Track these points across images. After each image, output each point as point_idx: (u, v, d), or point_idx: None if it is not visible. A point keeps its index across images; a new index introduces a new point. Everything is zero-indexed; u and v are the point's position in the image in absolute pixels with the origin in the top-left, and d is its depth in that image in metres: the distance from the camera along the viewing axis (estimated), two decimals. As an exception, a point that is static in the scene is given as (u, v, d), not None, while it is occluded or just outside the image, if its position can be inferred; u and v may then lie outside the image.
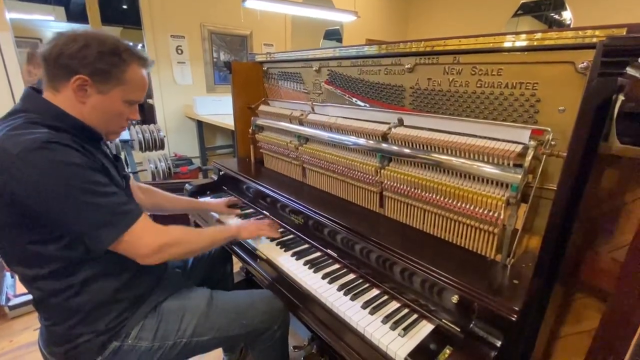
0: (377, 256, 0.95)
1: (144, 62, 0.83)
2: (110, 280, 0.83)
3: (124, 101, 0.82)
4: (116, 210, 0.75)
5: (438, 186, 0.91)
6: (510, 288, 0.73)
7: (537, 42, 0.77)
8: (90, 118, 0.80)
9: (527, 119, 0.83)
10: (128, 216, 0.77)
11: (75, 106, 0.78)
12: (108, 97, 0.80)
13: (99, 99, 0.79)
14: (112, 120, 0.84)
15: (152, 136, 2.73)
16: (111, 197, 0.75)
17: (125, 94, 0.82)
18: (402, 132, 1.00)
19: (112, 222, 0.74)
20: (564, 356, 1.06)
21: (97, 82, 0.77)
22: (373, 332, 0.76)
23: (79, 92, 0.77)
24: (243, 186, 1.54)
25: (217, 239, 0.98)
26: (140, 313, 0.87)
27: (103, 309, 0.82)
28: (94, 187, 0.72)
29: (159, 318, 0.89)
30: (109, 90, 0.79)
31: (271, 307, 1.01)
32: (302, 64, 1.44)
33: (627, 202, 0.87)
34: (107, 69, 0.77)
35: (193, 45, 3.47)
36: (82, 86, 0.76)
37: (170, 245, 0.82)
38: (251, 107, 1.68)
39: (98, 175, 0.75)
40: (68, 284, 0.77)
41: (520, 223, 0.83)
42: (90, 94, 0.78)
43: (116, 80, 0.79)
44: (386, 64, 1.11)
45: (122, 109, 0.83)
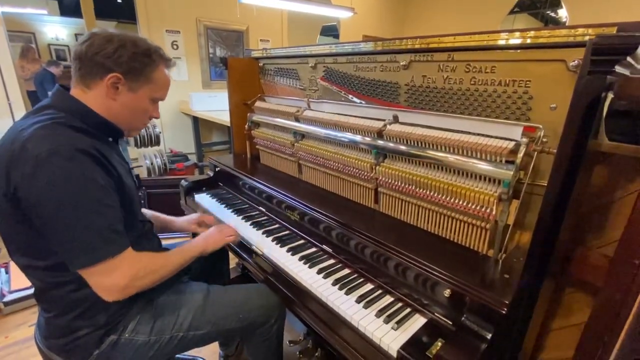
0: (371, 251, 0.96)
1: (169, 63, 0.90)
2: None
3: (150, 99, 0.88)
4: (104, 234, 0.73)
5: (432, 182, 0.92)
6: (501, 282, 0.74)
7: (530, 40, 0.78)
8: (118, 115, 0.84)
9: (519, 116, 0.85)
10: (112, 245, 0.74)
11: (104, 103, 0.82)
12: (137, 94, 0.84)
13: (129, 96, 0.83)
14: (138, 116, 0.89)
15: (148, 132, 2.71)
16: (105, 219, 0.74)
17: (152, 92, 0.87)
18: (397, 129, 1.01)
19: (93, 247, 0.72)
20: (556, 349, 1.09)
21: (129, 80, 0.82)
22: (367, 325, 0.78)
23: (112, 90, 0.81)
24: (239, 182, 1.54)
25: (184, 261, 0.92)
26: (137, 307, 0.88)
27: (103, 304, 0.82)
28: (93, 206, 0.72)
29: (156, 312, 0.89)
30: (139, 88, 0.84)
31: (267, 302, 1.02)
32: (298, 60, 1.44)
33: (617, 199, 0.89)
34: (139, 68, 0.82)
35: (189, 41, 3.45)
36: (115, 84, 0.80)
37: (137, 278, 0.78)
38: (247, 104, 1.68)
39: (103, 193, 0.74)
40: (70, 277, 0.78)
41: (512, 219, 0.84)
42: (122, 91, 0.82)
43: (145, 79, 0.84)
44: (382, 60, 1.12)
45: (148, 106, 0.88)
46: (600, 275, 0.94)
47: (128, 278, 0.76)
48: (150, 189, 2.47)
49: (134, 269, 0.77)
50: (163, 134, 3.31)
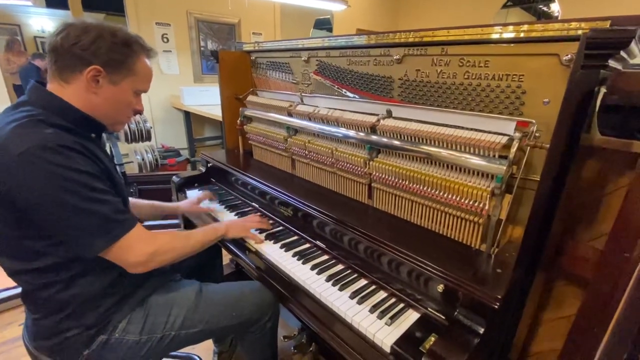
0: (365, 247, 0.96)
1: (150, 53, 0.87)
2: (100, 275, 0.82)
3: (133, 91, 0.85)
4: (111, 218, 0.75)
5: (425, 177, 0.92)
6: (493, 277, 0.75)
7: (523, 34, 0.77)
8: (100, 109, 0.81)
9: (512, 111, 0.84)
10: (122, 225, 0.77)
11: (84, 98, 0.78)
12: (119, 87, 0.81)
13: (111, 89, 0.80)
14: (121, 110, 0.86)
15: (138, 127, 2.66)
16: (108, 204, 0.75)
17: (135, 84, 0.84)
18: (391, 123, 1.00)
19: (105, 230, 0.74)
20: (546, 340, 1.10)
21: (109, 72, 0.78)
22: (360, 321, 0.78)
23: (92, 83, 0.77)
24: (232, 178, 1.53)
25: (206, 241, 0.98)
26: (128, 307, 0.87)
27: (92, 304, 0.82)
28: (91, 194, 0.72)
29: (146, 311, 0.88)
30: (121, 80, 0.81)
31: (261, 299, 1.01)
32: (290, 53, 1.42)
33: (607, 193, 0.90)
34: (120, 59, 0.79)
35: (179, 34, 3.38)
36: (95, 77, 0.77)
37: (158, 254, 0.82)
38: (239, 98, 1.65)
39: (98, 181, 0.75)
40: (57, 278, 0.77)
41: (505, 213, 0.84)
42: (103, 84, 0.79)
43: (127, 70, 0.81)
44: (375, 54, 1.10)
45: (131, 99, 0.85)
46: (590, 268, 0.95)
47: (149, 253, 0.80)
48: (142, 185, 2.43)
49: (153, 245, 0.81)
50: (154, 129, 3.26)
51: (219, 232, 1.02)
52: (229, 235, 1.05)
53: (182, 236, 0.92)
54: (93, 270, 0.80)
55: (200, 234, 0.97)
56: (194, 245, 0.93)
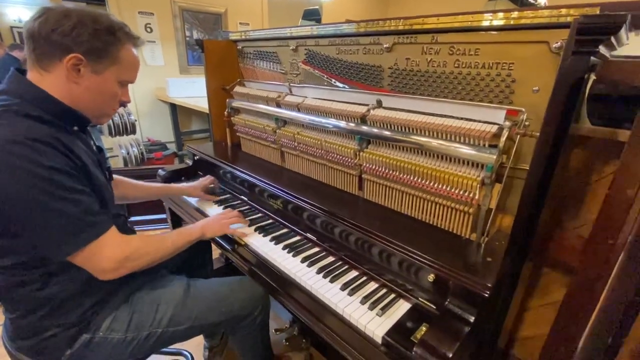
0: (355, 238, 0.95)
1: (136, 41, 0.82)
2: (79, 273, 0.78)
3: (118, 82, 0.80)
4: (81, 220, 0.71)
5: (416, 168, 0.91)
6: (484, 265, 0.75)
7: (513, 21, 0.76)
8: (83, 100, 0.77)
9: (502, 100, 0.84)
10: (92, 228, 0.73)
11: (65, 88, 0.74)
12: (102, 77, 0.77)
13: (93, 79, 0.76)
14: (105, 101, 0.81)
15: (122, 120, 2.59)
16: (79, 205, 0.71)
17: (120, 74, 0.79)
18: (381, 113, 0.99)
19: (74, 233, 0.70)
20: (532, 326, 1.12)
21: (91, 61, 0.74)
22: (352, 312, 0.77)
23: (73, 72, 0.73)
24: (220, 171, 1.49)
25: (180, 245, 0.93)
26: (112, 304, 0.84)
27: (73, 301, 0.79)
28: (61, 193, 0.68)
29: (132, 309, 0.86)
30: (104, 70, 0.76)
31: (251, 293, 1.00)
32: (278, 42, 1.39)
33: (593, 181, 0.91)
34: (102, 47, 0.74)
35: (163, 23, 3.28)
36: (76, 65, 0.72)
37: (130, 260, 0.78)
38: (226, 89, 1.61)
39: (71, 179, 0.70)
40: (35, 275, 0.74)
41: (495, 202, 0.84)
42: (84, 74, 0.74)
43: (111, 59, 0.76)
44: (365, 43, 1.08)
45: (116, 89, 0.81)
46: (576, 255, 0.97)
47: (120, 259, 0.76)
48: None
49: (125, 250, 0.77)
50: (139, 122, 3.17)
51: (194, 235, 0.97)
52: (207, 235, 1.01)
53: (156, 240, 0.88)
54: (70, 268, 0.76)
55: (174, 238, 0.92)
56: (167, 249, 0.88)
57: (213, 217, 1.09)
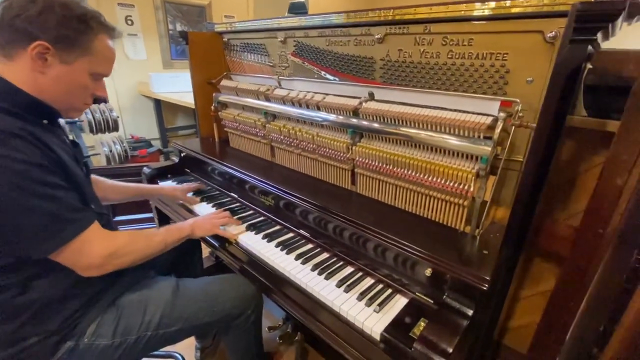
0: (350, 234, 0.93)
1: (112, 33, 0.77)
2: (62, 275, 0.74)
3: (90, 74, 0.75)
4: (62, 217, 0.67)
5: (410, 161, 0.90)
6: (480, 258, 0.74)
7: (507, 11, 0.75)
8: (50, 92, 0.72)
9: (496, 91, 0.83)
10: (74, 225, 0.69)
11: (31, 78, 0.69)
12: (72, 67, 0.71)
13: (61, 69, 0.70)
14: (75, 94, 0.76)
15: (104, 116, 2.48)
16: (58, 201, 0.67)
17: (92, 66, 0.74)
18: (374, 106, 0.97)
19: (55, 230, 0.67)
20: (523, 316, 1.14)
21: (60, 50, 0.69)
22: (348, 310, 0.76)
23: (38, 61, 0.68)
24: (207, 168, 1.45)
25: (169, 242, 0.90)
26: (97, 309, 0.80)
27: (54, 307, 0.75)
28: (38, 189, 0.64)
29: (119, 312, 0.82)
30: (74, 60, 0.71)
31: (243, 292, 0.97)
32: (266, 34, 1.34)
33: (582, 172, 0.91)
34: (72, 36, 0.69)
35: (145, 16, 3.15)
36: (42, 54, 0.67)
37: (116, 256, 0.76)
38: (212, 82, 1.56)
39: (48, 174, 0.66)
40: (13, 280, 0.69)
41: (489, 195, 0.84)
42: (52, 63, 0.69)
43: (82, 49, 0.71)
44: (355, 34, 1.05)
45: (88, 82, 0.76)
46: (567, 245, 0.98)
47: (105, 256, 0.73)
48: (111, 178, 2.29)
49: (110, 246, 0.74)
50: (122, 119, 3.06)
51: (184, 233, 0.94)
52: (196, 234, 0.98)
53: (144, 236, 0.85)
54: (51, 271, 0.72)
55: (163, 235, 0.89)
56: (156, 246, 0.85)
57: (204, 216, 1.06)
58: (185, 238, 0.95)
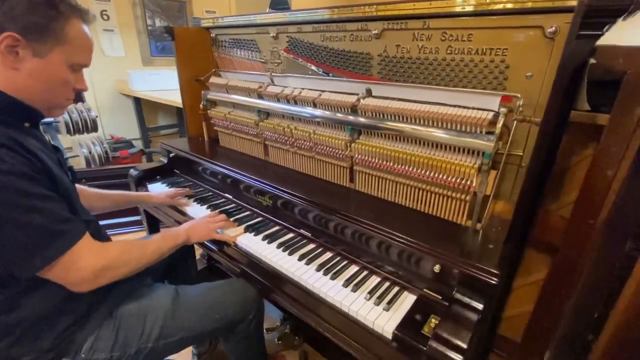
0: (352, 231, 0.92)
1: (86, 16, 0.69)
2: (52, 290, 0.69)
3: (68, 65, 0.68)
4: (50, 230, 0.62)
5: (411, 157, 0.90)
6: (487, 253, 0.75)
7: (508, 6, 0.75)
8: (28, 90, 0.65)
9: (496, 86, 0.84)
10: (64, 238, 0.64)
11: (4, 76, 0.62)
12: (47, 60, 0.65)
13: (36, 63, 0.64)
14: (55, 90, 0.69)
15: (82, 116, 2.36)
16: (46, 213, 0.61)
17: (69, 56, 0.67)
18: (373, 103, 0.96)
19: (44, 245, 0.61)
20: (517, 305, 1.17)
21: (31, 41, 0.62)
22: (358, 309, 0.75)
23: (9, 56, 0.61)
24: (198, 168, 1.40)
25: (165, 250, 0.86)
26: (93, 322, 0.76)
27: (46, 324, 0.70)
28: (24, 201, 0.58)
29: (117, 324, 0.78)
30: (48, 51, 0.64)
31: (244, 297, 0.94)
32: (257, 29, 1.31)
33: (573, 164, 0.94)
34: (42, 23, 0.62)
35: (121, 11, 3.02)
36: (12, 47, 0.60)
37: (110, 269, 0.71)
38: (200, 80, 1.51)
39: (33, 183, 0.61)
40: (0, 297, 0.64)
41: (490, 189, 0.85)
42: (24, 57, 0.62)
43: (55, 38, 0.64)
44: (352, 29, 1.04)
45: (67, 75, 0.69)
46: (558, 235, 1.01)
47: (97, 269, 0.67)
48: (91, 180, 2.18)
49: (101, 259, 0.68)
50: (100, 119, 2.92)
51: (179, 239, 0.90)
52: (192, 240, 0.94)
53: (137, 246, 0.80)
54: (41, 286, 0.67)
55: (157, 243, 0.85)
56: (150, 256, 0.81)
57: (199, 220, 1.01)
58: (181, 245, 0.90)
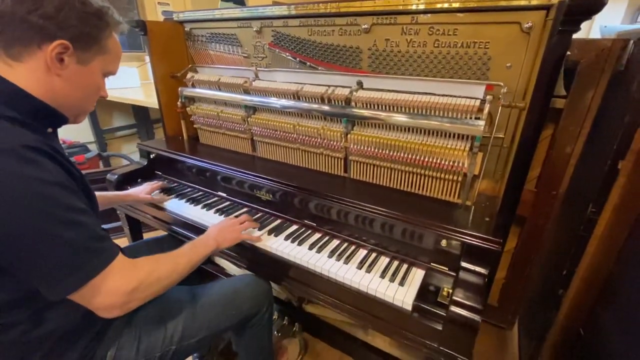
0: (355, 216, 0.96)
1: (120, 27, 0.70)
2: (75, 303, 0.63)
3: (103, 73, 0.70)
4: (87, 248, 0.57)
5: (405, 144, 0.96)
6: (485, 224, 0.84)
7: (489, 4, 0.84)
8: (64, 96, 0.63)
9: (480, 76, 0.93)
10: (99, 257, 0.60)
11: (42, 81, 0.60)
12: (89, 68, 0.64)
13: (78, 70, 0.63)
14: (90, 96, 0.69)
15: (27, 120, 2.12)
16: (84, 228, 0.57)
17: (105, 65, 0.68)
18: (366, 94, 1.01)
19: (78, 264, 0.57)
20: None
21: (78, 49, 0.62)
22: (376, 287, 0.80)
23: (56, 63, 0.59)
24: (183, 167, 1.36)
25: (195, 262, 0.80)
26: (113, 331, 0.72)
27: (71, 338, 0.66)
28: (65, 215, 0.55)
29: (138, 331, 0.75)
30: (90, 59, 0.64)
31: (257, 291, 0.95)
32: (237, 23, 1.28)
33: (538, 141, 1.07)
34: (92, 34, 0.63)
35: (61, 1, 2.73)
36: (60, 54, 0.60)
37: (140, 290, 0.65)
38: (176, 76, 1.45)
39: (73, 196, 0.57)
40: (24, 314, 0.59)
41: (479, 169, 0.95)
42: (68, 64, 0.61)
43: (98, 48, 0.64)
44: (341, 24, 1.07)
45: (101, 82, 0.70)
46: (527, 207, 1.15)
47: (128, 292, 0.62)
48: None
49: (134, 279, 0.64)
50: (46, 122, 2.64)
51: (209, 248, 0.85)
52: (223, 246, 0.90)
53: (168, 260, 0.75)
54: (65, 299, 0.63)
55: (188, 255, 0.80)
56: (182, 270, 0.76)
57: (223, 224, 0.95)
58: (211, 253, 0.87)
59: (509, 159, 0.98)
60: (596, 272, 0.91)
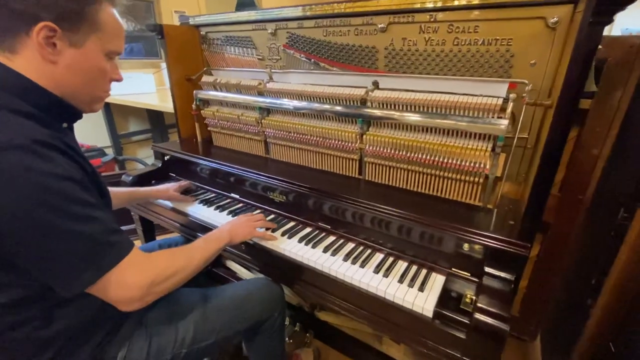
0: (372, 218, 0.93)
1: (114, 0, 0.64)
2: (87, 301, 0.64)
3: (105, 53, 0.64)
4: (101, 241, 0.57)
5: (424, 145, 0.93)
6: (511, 228, 0.79)
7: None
8: (68, 85, 0.60)
9: (502, 74, 0.89)
10: (114, 250, 0.59)
11: (44, 71, 0.57)
12: (85, 49, 0.60)
13: (73, 54, 0.59)
14: (95, 81, 0.65)
15: (47, 124, 2.18)
16: (98, 223, 0.57)
17: (104, 44, 0.63)
18: (383, 94, 0.98)
19: (94, 258, 0.56)
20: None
21: (66, 30, 0.57)
22: (395, 293, 0.76)
23: (47, 48, 0.56)
24: (197, 169, 1.35)
25: (210, 255, 0.79)
26: (124, 332, 0.71)
27: (82, 337, 0.65)
28: (77, 209, 0.54)
29: (148, 332, 0.73)
30: (84, 40, 0.59)
31: (270, 294, 0.93)
32: (252, 26, 1.29)
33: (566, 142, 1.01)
34: (76, 9, 0.57)
35: (82, 10, 2.82)
36: (49, 38, 0.55)
37: (157, 283, 0.64)
38: (191, 79, 1.46)
39: (85, 191, 0.56)
40: (35, 311, 0.58)
41: (501, 171, 0.91)
42: (62, 48, 0.57)
43: (88, 25, 0.59)
44: (356, 24, 1.06)
45: (104, 64, 0.64)
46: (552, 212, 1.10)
47: (146, 285, 0.62)
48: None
49: (151, 272, 0.63)
50: (65, 126, 2.71)
51: (222, 242, 0.84)
52: (235, 240, 0.89)
53: (183, 254, 0.74)
54: (76, 297, 0.61)
55: (202, 248, 0.79)
56: (197, 263, 0.74)
57: (237, 220, 0.95)
58: (224, 247, 0.86)
59: (533, 161, 0.94)
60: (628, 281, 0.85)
